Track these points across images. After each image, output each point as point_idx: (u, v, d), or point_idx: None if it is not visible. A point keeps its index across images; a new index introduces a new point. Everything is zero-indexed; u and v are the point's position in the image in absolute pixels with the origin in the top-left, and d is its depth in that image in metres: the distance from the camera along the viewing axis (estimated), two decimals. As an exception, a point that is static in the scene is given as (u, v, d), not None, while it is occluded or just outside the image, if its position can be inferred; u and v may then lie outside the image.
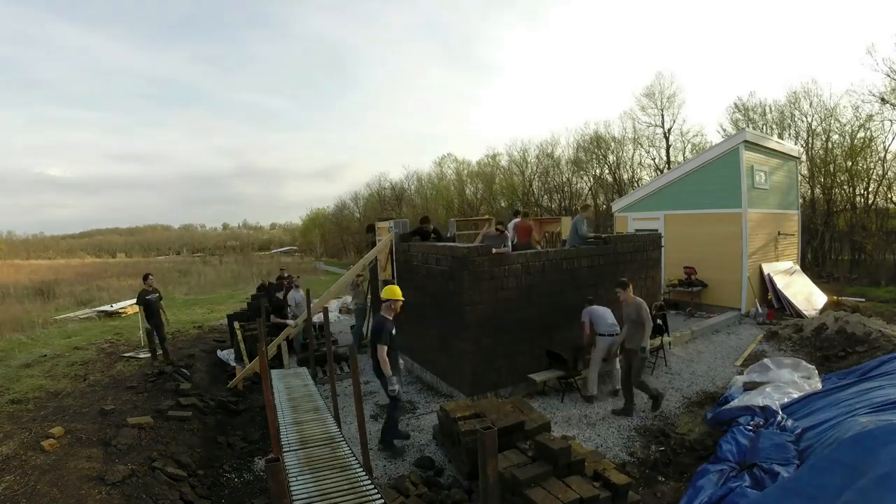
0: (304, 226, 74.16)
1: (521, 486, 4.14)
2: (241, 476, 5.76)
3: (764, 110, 25.53)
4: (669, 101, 29.68)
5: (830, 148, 22.69)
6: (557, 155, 36.84)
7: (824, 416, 5.22)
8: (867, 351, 8.12)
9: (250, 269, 33.94)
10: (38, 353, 10.26)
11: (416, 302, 8.66)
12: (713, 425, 6.08)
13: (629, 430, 6.24)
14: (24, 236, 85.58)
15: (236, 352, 9.62)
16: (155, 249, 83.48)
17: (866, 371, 6.53)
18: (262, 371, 5.03)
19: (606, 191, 33.14)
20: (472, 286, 6.99)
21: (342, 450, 4.95)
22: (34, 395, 7.36)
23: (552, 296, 7.75)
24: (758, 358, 8.80)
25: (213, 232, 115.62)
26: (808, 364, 7.29)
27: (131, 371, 8.76)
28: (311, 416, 6.00)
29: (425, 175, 50.04)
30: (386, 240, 9.63)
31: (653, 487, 4.98)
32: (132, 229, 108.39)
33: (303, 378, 7.80)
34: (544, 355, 7.53)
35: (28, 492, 4.61)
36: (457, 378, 7.44)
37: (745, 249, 11.93)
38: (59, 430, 5.88)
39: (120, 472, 5.01)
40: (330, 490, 4.11)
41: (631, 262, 8.86)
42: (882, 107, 20.83)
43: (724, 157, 12.23)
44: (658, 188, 13.92)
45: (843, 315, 10.03)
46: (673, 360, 8.84)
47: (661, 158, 30.78)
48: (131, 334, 12.21)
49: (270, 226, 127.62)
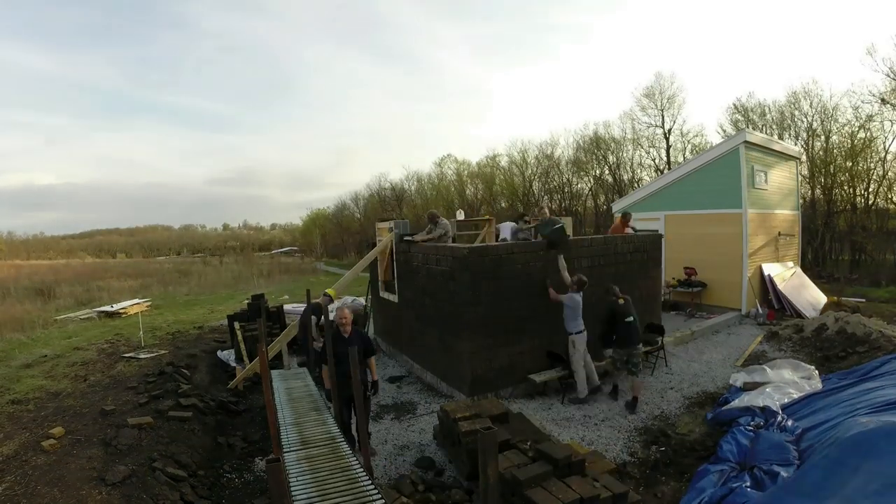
0: (304, 226, 74.15)
1: (522, 486, 4.14)
2: (242, 476, 5.76)
3: (764, 111, 25.58)
4: (670, 102, 29.73)
5: (830, 148, 22.71)
6: (557, 155, 36.91)
7: (825, 417, 5.23)
8: (867, 351, 8.12)
9: (250, 270, 33.93)
10: (39, 353, 10.26)
11: (417, 302, 8.67)
12: (713, 426, 6.08)
13: (629, 430, 6.24)
14: (24, 237, 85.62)
15: (236, 352, 9.62)
16: (155, 250, 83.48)
17: (867, 371, 6.53)
18: (262, 371, 5.03)
19: (606, 191, 33.17)
20: (472, 286, 6.99)
21: (342, 450, 4.95)
22: (34, 396, 7.36)
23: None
24: (758, 358, 8.81)
25: (213, 232, 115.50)
26: (807, 364, 7.29)
27: (131, 371, 8.77)
28: (312, 416, 6.00)
29: (425, 175, 50.12)
30: (386, 240, 9.63)
31: (653, 488, 4.98)
32: (132, 229, 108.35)
33: (303, 378, 7.80)
34: (544, 355, 7.53)
35: (28, 492, 4.61)
36: (457, 378, 7.44)
37: (746, 250, 11.93)
38: (59, 430, 5.88)
39: (120, 472, 5.01)
40: (330, 490, 4.10)
41: (631, 262, 8.87)
42: (882, 107, 20.87)
43: (724, 157, 12.24)
44: (658, 189, 13.93)
45: (844, 315, 10.03)
46: (673, 361, 8.84)
47: (661, 159, 30.84)
48: (131, 335, 12.22)
49: (271, 226, 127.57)
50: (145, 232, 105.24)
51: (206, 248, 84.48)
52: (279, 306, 12.58)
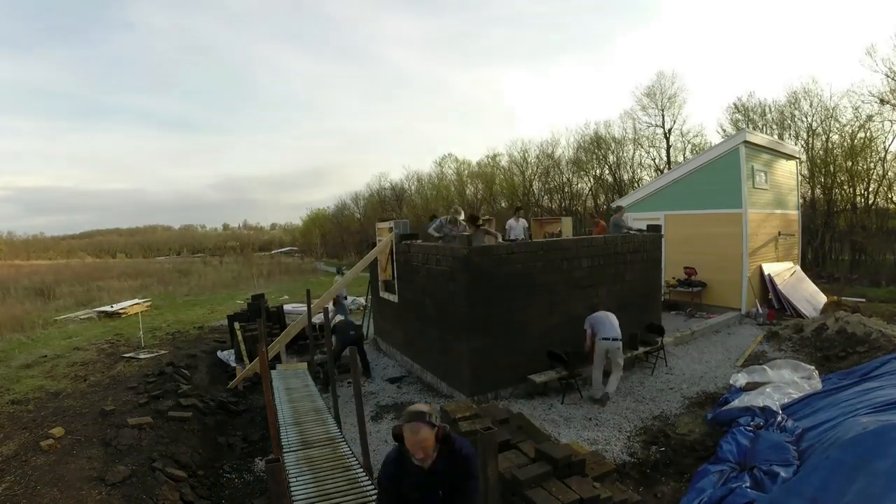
0: (304, 226, 74.09)
1: (522, 486, 4.14)
2: (242, 476, 5.76)
3: (764, 110, 25.55)
4: (670, 101, 29.68)
5: (830, 148, 22.70)
6: (558, 155, 36.87)
7: (825, 417, 5.22)
8: (868, 351, 8.12)
9: (251, 270, 33.92)
10: (39, 353, 10.27)
11: (417, 302, 8.67)
12: (713, 426, 6.08)
13: (629, 430, 6.24)
14: (24, 237, 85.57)
15: (236, 352, 9.62)
16: (155, 250, 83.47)
17: (867, 371, 6.52)
18: (262, 371, 5.03)
19: (606, 191, 33.15)
20: (472, 286, 6.99)
21: (342, 450, 4.95)
22: (34, 396, 7.37)
23: (552, 296, 7.75)
24: (758, 358, 8.81)
25: (213, 232, 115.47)
26: (807, 364, 7.29)
27: (131, 371, 8.77)
28: (312, 416, 6.00)
29: (426, 175, 50.08)
30: (386, 240, 9.63)
31: (653, 488, 4.98)
32: (132, 230, 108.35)
33: (303, 378, 7.80)
34: (544, 355, 7.53)
35: (28, 492, 4.61)
36: (457, 378, 7.44)
37: (746, 250, 11.93)
38: (59, 430, 5.89)
39: (120, 472, 5.01)
40: (330, 490, 4.11)
41: (631, 262, 8.86)
42: (882, 107, 20.86)
43: (724, 157, 12.24)
44: (658, 188, 13.92)
45: (844, 315, 10.02)
46: (673, 361, 8.84)
47: (661, 159, 30.81)
48: (131, 335, 12.22)
49: (271, 226, 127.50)
50: (145, 232, 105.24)
51: (206, 248, 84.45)
52: (279, 306, 12.60)
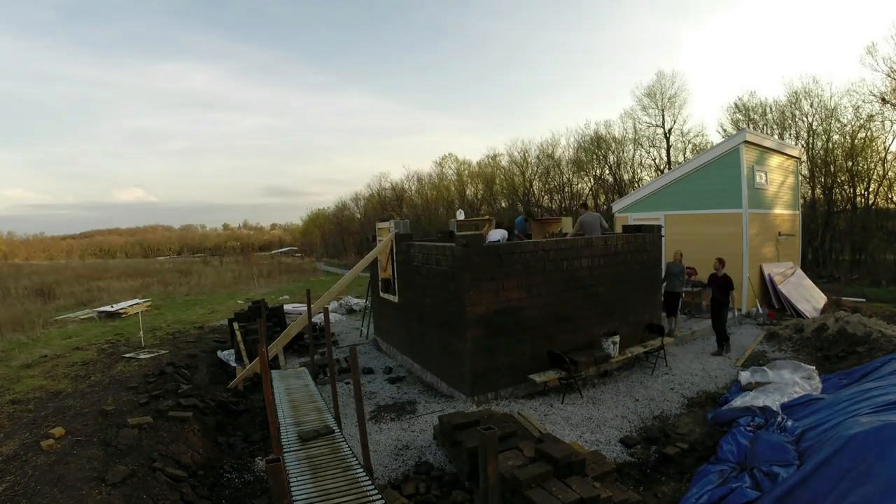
0: (304, 226, 74.14)
1: (522, 486, 4.14)
2: (242, 476, 5.76)
3: (764, 110, 25.56)
4: (671, 102, 29.71)
5: (831, 148, 22.71)
6: (558, 155, 36.91)
7: (825, 417, 5.22)
8: (868, 351, 8.11)
9: (251, 270, 33.94)
10: (39, 353, 10.27)
11: (417, 302, 8.67)
12: (713, 426, 6.08)
13: (630, 430, 6.24)
14: (24, 236, 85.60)
15: (237, 352, 9.63)
16: (155, 250, 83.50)
17: (867, 372, 6.52)
18: (262, 371, 5.03)
19: (607, 191, 33.15)
20: (473, 286, 6.99)
21: (343, 450, 4.95)
22: (34, 396, 7.37)
23: (552, 295, 7.75)
24: (758, 358, 8.81)
25: (213, 232, 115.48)
26: (808, 365, 7.29)
27: (131, 371, 8.77)
28: (312, 416, 6.00)
29: (426, 175, 50.14)
30: (386, 240, 9.63)
31: (653, 488, 4.98)
32: (132, 230, 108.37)
33: (303, 378, 7.80)
34: (544, 355, 7.53)
35: (28, 492, 4.61)
36: (457, 378, 7.44)
37: (746, 250, 11.92)
38: (59, 430, 5.89)
39: (120, 472, 5.01)
40: (330, 490, 4.11)
41: (631, 262, 8.86)
42: (882, 107, 20.86)
43: (724, 157, 12.23)
44: (658, 188, 13.91)
45: (844, 315, 10.02)
46: (673, 361, 8.84)
47: (661, 159, 30.84)
48: (131, 335, 12.22)
49: (271, 226, 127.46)
50: (145, 232, 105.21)
51: (206, 248, 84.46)
52: (279, 306, 12.61)
